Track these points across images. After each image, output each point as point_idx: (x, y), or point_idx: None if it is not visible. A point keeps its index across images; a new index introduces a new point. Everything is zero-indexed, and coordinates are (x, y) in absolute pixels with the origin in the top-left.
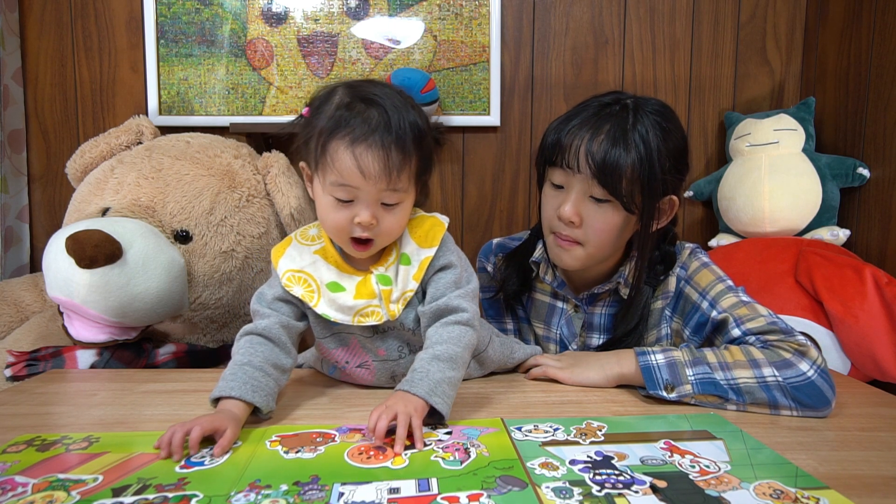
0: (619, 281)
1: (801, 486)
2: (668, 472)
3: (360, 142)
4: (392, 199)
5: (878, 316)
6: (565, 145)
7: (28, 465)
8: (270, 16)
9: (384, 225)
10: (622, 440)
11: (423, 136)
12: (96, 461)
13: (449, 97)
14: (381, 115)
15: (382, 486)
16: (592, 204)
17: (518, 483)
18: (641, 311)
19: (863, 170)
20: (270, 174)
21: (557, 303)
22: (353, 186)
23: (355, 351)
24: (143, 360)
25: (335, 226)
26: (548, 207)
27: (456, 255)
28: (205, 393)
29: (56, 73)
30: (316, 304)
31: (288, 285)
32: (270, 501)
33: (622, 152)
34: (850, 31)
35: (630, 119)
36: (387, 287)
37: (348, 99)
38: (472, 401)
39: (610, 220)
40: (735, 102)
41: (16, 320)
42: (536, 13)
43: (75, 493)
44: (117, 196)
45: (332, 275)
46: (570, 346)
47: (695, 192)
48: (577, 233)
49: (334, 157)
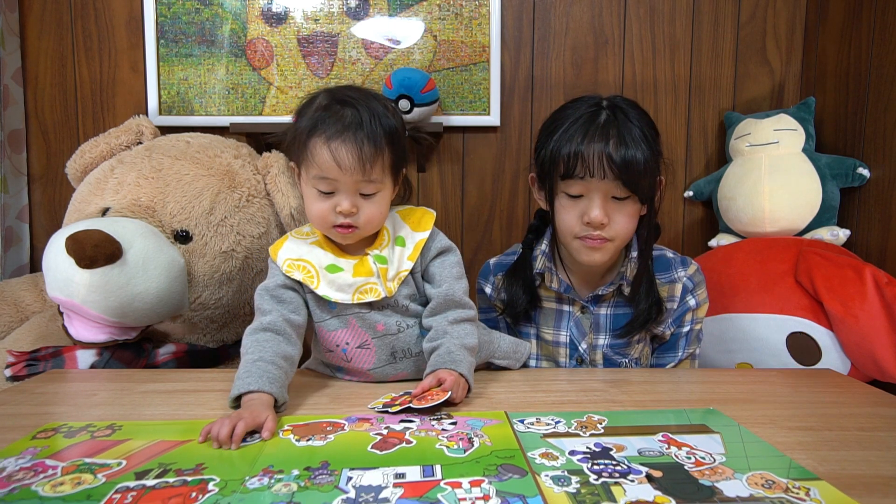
0: (622, 282)
1: (793, 478)
2: (664, 463)
3: (336, 137)
4: (369, 190)
5: (878, 316)
6: (581, 157)
7: (56, 450)
8: (270, 16)
9: (364, 213)
10: (621, 433)
11: (394, 133)
12: (120, 447)
13: (449, 97)
14: (355, 115)
15: (389, 471)
16: (614, 203)
17: (518, 471)
18: (650, 296)
19: (863, 170)
20: (270, 174)
21: (564, 307)
22: (331, 179)
23: (355, 331)
24: (143, 360)
25: (319, 215)
26: (568, 217)
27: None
28: (205, 393)
29: (56, 73)
30: (317, 287)
31: (288, 271)
32: (283, 485)
33: (635, 151)
34: (850, 31)
35: (623, 119)
36: (383, 266)
37: (326, 102)
38: (477, 396)
39: (632, 213)
40: (735, 102)
41: (16, 320)
42: (536, 13)
43: (101, 475)
44: (117, 196)
45: (329, 259)
46: (579, 347)
47: (695, 192)
48: (606, 232)
49: (314, 152)
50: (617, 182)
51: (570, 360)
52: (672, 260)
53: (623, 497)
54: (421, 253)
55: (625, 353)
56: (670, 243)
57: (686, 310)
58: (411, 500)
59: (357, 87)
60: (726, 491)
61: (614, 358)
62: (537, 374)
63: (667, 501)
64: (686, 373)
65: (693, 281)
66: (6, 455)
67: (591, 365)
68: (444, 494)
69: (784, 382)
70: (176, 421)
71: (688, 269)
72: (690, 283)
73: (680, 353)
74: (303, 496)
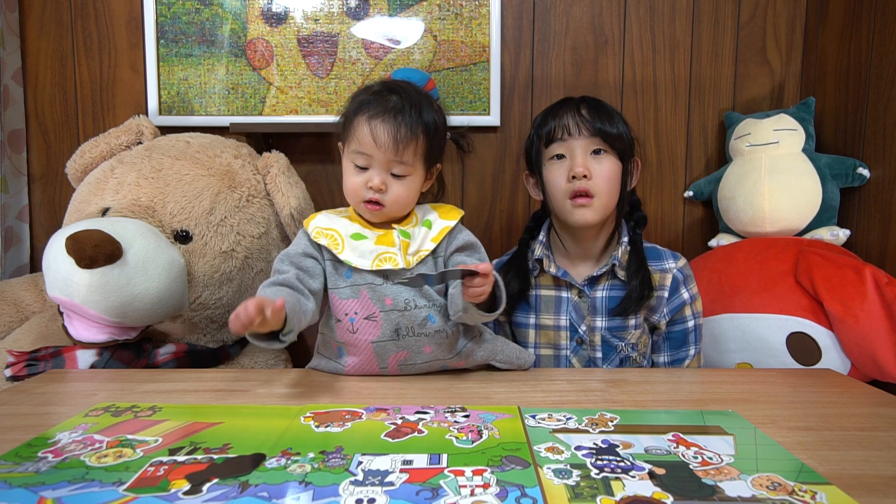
0: (614, 263)
1: (801, 481)
2: (669, 461)
3: (377, 117)
4: (399, 171)
5: (878, 316)
6: (559, 121)
7: (104, 426)
8: (270, 16)
9: (392, 192)
10: (632, 431)
11: (431, 125)
12: (158, 426)
13: (449, 97)
14: (398, 101)
15: (397, 457)
16: (594, 157)
17: (521, 462)
18: (641, 273)
19: (863, 170)
20: (270, 174)
21: (562, 293)
22: (367, 154)
23: (364, 302)
24: (143, 360)
25: (352, 188)
26: (555, 178)
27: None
28: (205, 393)
29: (56, 73)
30: (341, 252)
31: (316, 237)
32: (297, 465)
33: (605, 113)
34: (850, 31)
35: (593, 100)
36: (406, 240)
37: (377, 88)
38: (493, 393)
39: (611, 169)
40: (735, 102)
41: (16, 320)
42: (536, 13)
43: (139, 450)
44: (117, 196)
45: (356, 228)
46: (579, 329)
47: (695, 192)
48: (589, 185)
49: (356, 129)
50: (593, 139)
51: (571, 341)
52: (663, 252)
53: (621, 491)
54: (445, 238)
55: (622, 337)
56: (670, 243)
57: (682, 303)
58: (414, 484)
59: (410, 83)
60: (728, 491)
61: (612, 341)
62: (552, 373)
63: (665, 498)
64: (686, 373)
65: (683, 273)
66: (62, 429)
67: (590, 346)
68: (447, 481)
69: (784, 382)
70: (209, 406)
71: (678, 262)
72: (681, 274)
73: (692, 351)
74: (315, 477)
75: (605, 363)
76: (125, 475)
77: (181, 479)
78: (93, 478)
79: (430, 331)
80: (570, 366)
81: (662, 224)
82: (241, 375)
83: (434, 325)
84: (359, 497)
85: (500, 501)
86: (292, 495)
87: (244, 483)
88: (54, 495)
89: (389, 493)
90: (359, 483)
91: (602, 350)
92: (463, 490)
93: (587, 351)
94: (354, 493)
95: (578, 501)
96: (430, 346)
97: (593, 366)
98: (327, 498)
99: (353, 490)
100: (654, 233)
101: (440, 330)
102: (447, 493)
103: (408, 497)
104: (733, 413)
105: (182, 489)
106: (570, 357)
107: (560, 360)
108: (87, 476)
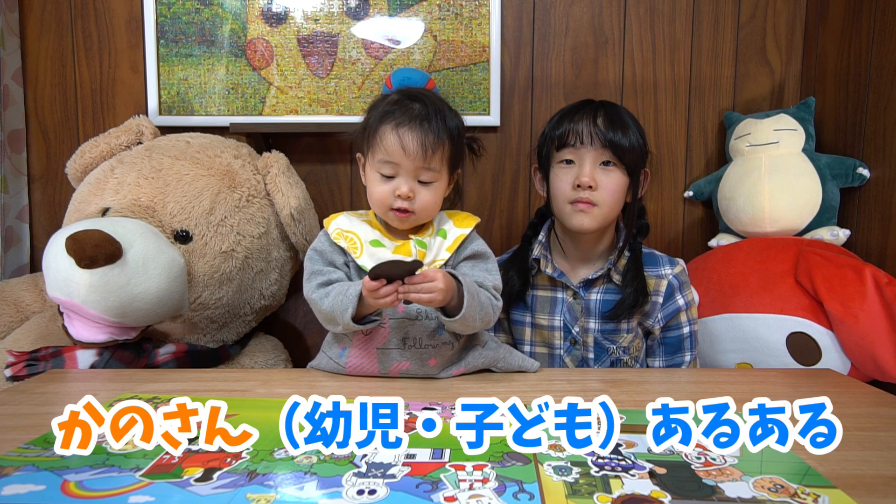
0: (610, 267)
1: (806, 484)
2: (671, 461)
3: (404, 125)
4: (427, 177)
5: (878, 316)
6: (574, 127)
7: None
8: (270, 16)
9: (420, 199)
10: (637, 431)
11: (454, 131)
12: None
13: (449, 97)
14: (423, 108)
15: (401, 451)
16: (602, 169)
17: (522, 459)
18: (636, 281)
19: (863, 170)
20: (270, 174)
21: (558, 294)
22: (395, 163)
23: None
24: (143, 360)
25: (380, 198)
26: (562, 182)
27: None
28: (205, 393)
29: (56, 73)
30: (359, 256)
31: (336, 238)
32: (305, 457)
33: (621, 126)
34: (850, 31)
35: (611, 107)
36: (422, 250)
37: (397, 97)
38: (493, 393)
39: (617, 182)
40: (735, 102)
41: (16, 320)
42: (536, 13)
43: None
44: (117, 196)
45: (375, 234)
46: (572, 330)
47: (695, 192)
48: (593, 195)
49: (382, 138)
50: (604, 151)
51: (565, 341)
52: (661, 258)
53: (619, 489)
54: (458, 248)
55: (614, 340)
56: (670, 243)
57: (677, 309)
58: (415, 477)
59: (427, 91)
60: (728, 491)
61: (604, 343)
62: (552, 373)
63: (663, 496)
64: (686, 373)
65: (679, 279)
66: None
67: (583, 346)
68: (447, 475)
69: (784, 382)
70: (226, 398)
71: (674, 268)
72: (676, 281)
73: (688, 357)
74: (320, 468)
75: (596, 364)
76: (142, 462)
77: (195, 467)
78: (112, 463)
79: (437, 342)
80: (563, 365)
81: (662, 224)
82: (241, 375)
83: (442, 338)
84: (360, 488)
85: (497, 496)
86: (298, 484)
87: (252, 472)
88: (77, 478)
89: (390, 484)
90: (362, 474)
91: (594, 351)
92: (462, 484)
93: (580, 351)
94: (357, 483)
95: (576, 498)
96: (435, 358)
97: (585, 366)
98: (331, 488)
99: (356, 481)
100: (655, 233)
101: (447, 342)
102: (446, 486)
103: (408, 489)
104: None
105: (194, 476)
106: (563, 357)
107: (554, 359)
108: (107, 462)
